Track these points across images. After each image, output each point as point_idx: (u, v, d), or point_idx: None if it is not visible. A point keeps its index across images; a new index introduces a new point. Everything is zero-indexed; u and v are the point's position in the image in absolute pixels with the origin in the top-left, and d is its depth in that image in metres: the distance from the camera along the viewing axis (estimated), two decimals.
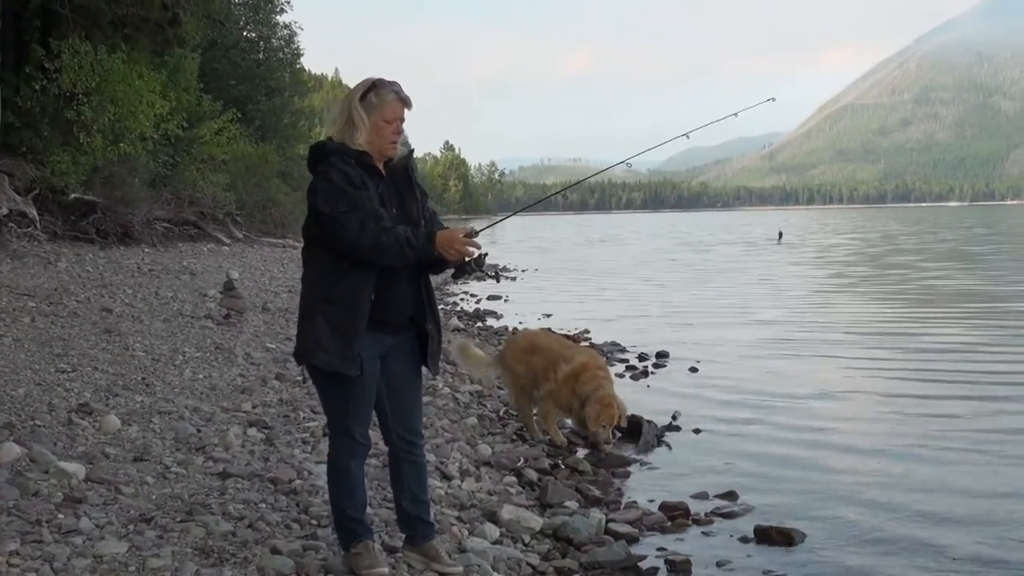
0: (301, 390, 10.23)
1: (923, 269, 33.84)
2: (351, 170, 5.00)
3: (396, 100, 5.12)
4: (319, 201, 4.97)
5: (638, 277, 33.27)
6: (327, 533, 5.85)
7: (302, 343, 5.12)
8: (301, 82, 55.39)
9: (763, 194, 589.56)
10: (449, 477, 7.71)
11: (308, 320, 5.08)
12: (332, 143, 5.11)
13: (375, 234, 4.91)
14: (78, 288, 16.60)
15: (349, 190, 4.95)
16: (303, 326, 5.12)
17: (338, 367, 5.01)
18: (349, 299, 5.01)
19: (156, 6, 27.23)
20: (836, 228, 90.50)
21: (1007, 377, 12.67)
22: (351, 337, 5.01)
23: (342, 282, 5.01)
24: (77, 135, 26.11)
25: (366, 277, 5.03)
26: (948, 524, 7.12)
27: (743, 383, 12.86)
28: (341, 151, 5.05)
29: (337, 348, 4.99)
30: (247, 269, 24.58)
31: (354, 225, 4.90)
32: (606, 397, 9.19)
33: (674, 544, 6.82)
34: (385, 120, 5.10)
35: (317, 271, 5.11)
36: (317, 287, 5.08)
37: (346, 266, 5.01)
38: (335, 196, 4.94)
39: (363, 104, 5.07)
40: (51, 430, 7.68)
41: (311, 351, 5.04)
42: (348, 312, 5.01)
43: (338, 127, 5.12)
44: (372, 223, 4.93)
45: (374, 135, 5.09)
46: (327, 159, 5.04)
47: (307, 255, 5.20)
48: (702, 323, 19.43)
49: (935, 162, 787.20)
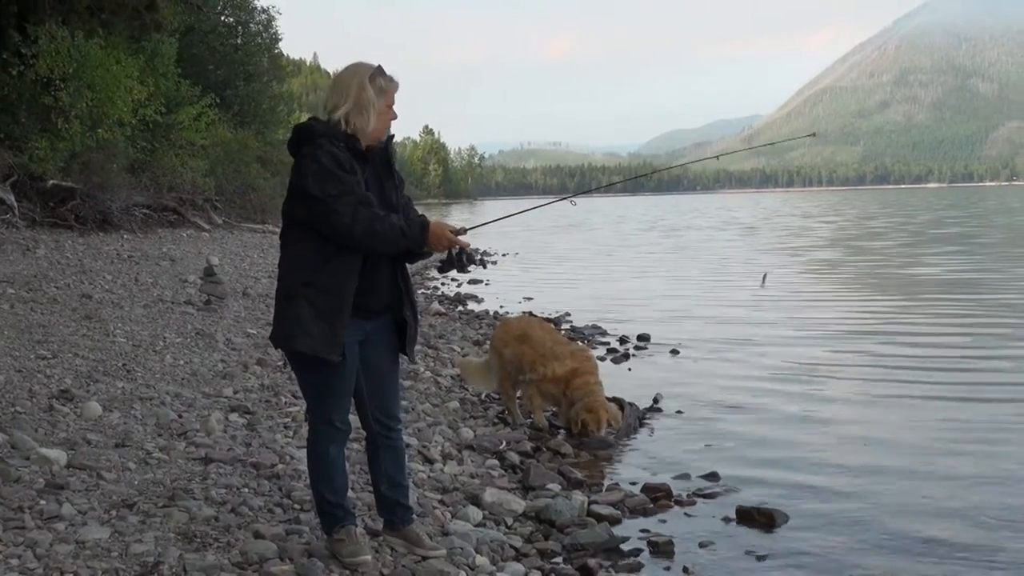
0: (282, 375, 10.22)
1: (900, 254, 33.94)
2: (341, 153, 4.96)
3: (397, 87, 5.15)
4: (308, 183, 4.89)
5: (618, 261, 33.29)
6: (310, 517, 5.86)
7: (283, 327, 5.05)
8: (280, 67, 55.08)
9: (743, 177, 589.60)
10: (431, 461, 7.72)
11: (290, 304, 5.01)
12: (321, 124, 5.05)
13: (368, 220, 4.89)
14: (57, 275, 16.53)
15: (340, 174, 4.91)
16: (284, 310, 5.05)
17: (321, 352, 4.97)
18: (335, 284, 4.98)
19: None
20: (807, 212, 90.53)
21: (993, 363, 12.65)
22: (335, 323, 4.97)
23: (328, 267, 4.97)
24: (55, 121, 25.98)
25: (352, 263, 5.00)
26: (930, 508, 7.14)
27: (725, 365, 12.91)
28: (331, 133, 5.00)
29: (321, 334, 4.95)
30: (227, 255, 24.48)
31: (346, 210, 4.87)
32: (593, 403, 9.24)
33: (656, 525, 6.85)
34: (388, 105, 5.12)
35: (300, 255, 5.04)
36: (300, 270, 5.02)
37: (332, 250, 4.97)
38: (326, 179, 4.88)
39: (373, 87, 5.05)
40: (32, 416, 7.65)
41: (294, 336, 4.98)
42: (334, 297, 4.97)
43: (344, 109, 5.02)
44: (364, 209, 4.91)
45: (378, 119, 5.08)
46: (315, 140, 4.97)
47: (289, 237, 5.13)
48: (683, 306, 19.45)
49: (914, 144, 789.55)
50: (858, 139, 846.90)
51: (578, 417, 9.18)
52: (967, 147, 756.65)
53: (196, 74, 39.34)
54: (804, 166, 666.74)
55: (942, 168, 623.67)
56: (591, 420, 9.12)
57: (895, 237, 43.52)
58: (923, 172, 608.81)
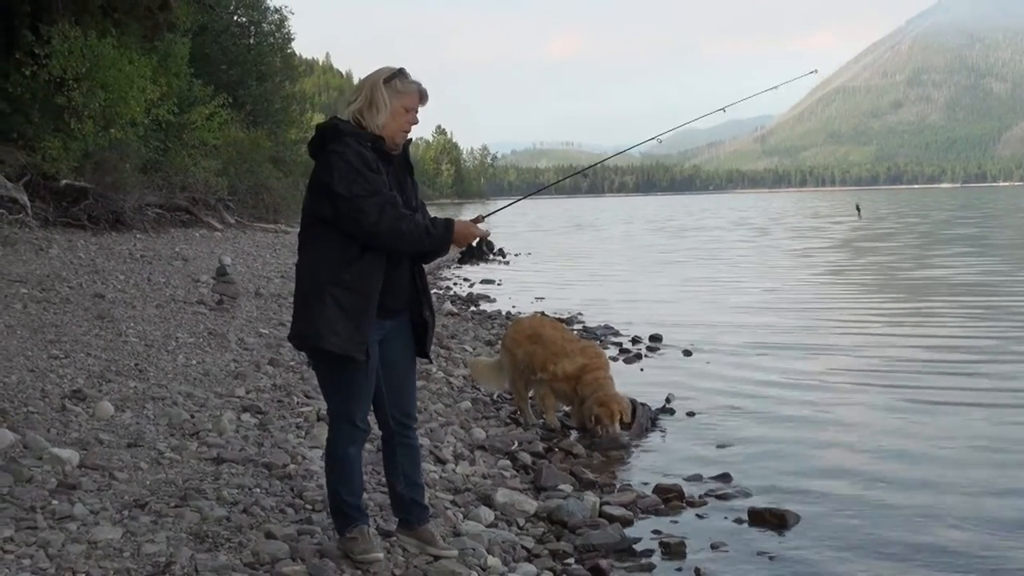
0: (294, 375, 10.22)
1: (911, 255, 33.86)
2: (368, 153, 4.99)
3: (417, 92, 5.17)
4: (335, 182, 4.91)
5: (630, 261, 33.25)
6: (322, 517, 5.86)
7: (307, 326, 5.05)
8: (292, 67, 55.17)
9: (755, 177, 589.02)
10: (443, 461, 7.72)
11: (316, 303, 5.01)
12: (346, 124, 5.08)
13: (394, 219, 4.92)
14: (70, 274, 16.57)
15: (368, 173, 4.94)
16: (310, 308, 5.05)
17: (348, 351, 4.98)
18: (361, 283, 5.00)
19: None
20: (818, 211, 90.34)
21: (1009, 369, 12.48)
22: (362, 321, 5.00)
23: (354, 266, 4.99)
24: (68, 121, 26.07)
25: (378, 261, 5.03)
26: (942, 514, 7.10)
27: (737, 367, 12.88)
28: (358, 133, 5.03)
29: (348, 332, 4.97)
30: (239, 255, 24.52)
31: (373, 210, 4.89)
32: (605, 397, 9.25)
33: (668, 526, 6.84)
34: (405, 107, 5.13)
35: (326, 253, 5.04)
36: (326, 269, 5.02)
37: (357, 250, 4.99)
38: (353, 178, 4.90)
39: (388, 87, 5.09)
40: (44, 416, 7.66)
41: (321, 335, 4.98)
42: (360, 296, 4.99)
43: (357, 107, 5.09)
44: (390, 209, 4.93)
45: (391, 120, 5.10)
46: (341, 139, 5.00)
47: (311, 235, 5.13)
48: (695, 307, 19.45)
49: (927, 144, 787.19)
50: (871, 139, 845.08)
51: (591, 412, 9.19)
52: (980, 147, 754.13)
53: (209, 74, 39.45)
54: (817, 166, 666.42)
55: (955, 168, 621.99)
56: (604, 413, 9.12)
57: (907, 239, 43.38)
58: (936, 172, 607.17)
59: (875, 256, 32.89)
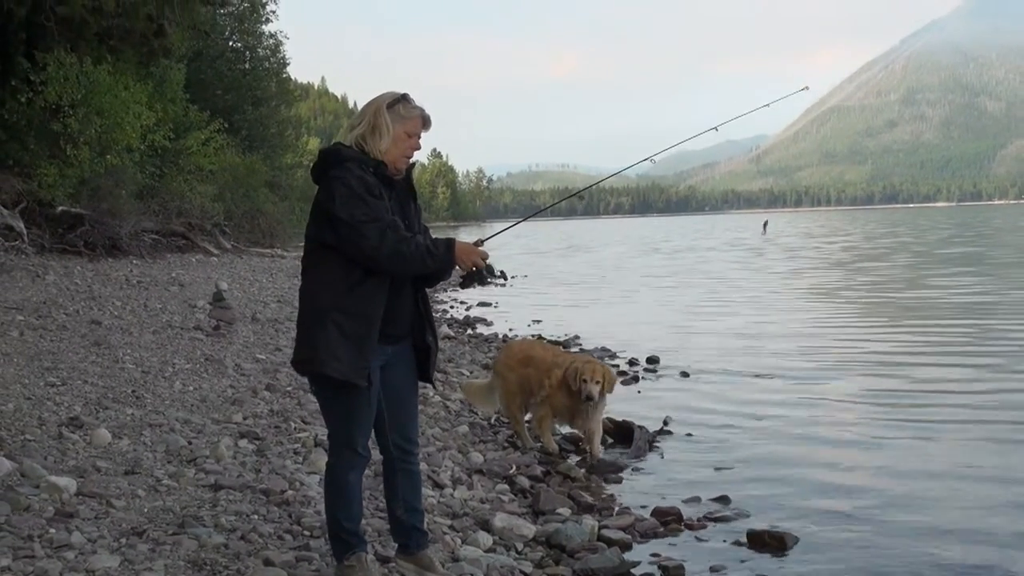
0: (292, 401, 10.21)
1: (908, 276, 33.90)
2: (370, 178, 5.00)
3: (420, 117, 5.19)
4: (336, 206, 4.91)
5: (627, 283, 33.26)
6: (320, 544, 5.85)
7: (310, 352, 5.03)
8: (287, 91, 55.32)
9: (751, 197, 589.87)
10: (441, 486, 7.71)
11: (318, 328, 5.00)
12: (348, 149, 5.09)
13: (395, 243, 4.92)
14: (66, 301, 16.56)
15: (369, 198, 4.94)
16: (312, 334, 5.03)
17: (350, 377, 4.97)
18: (363, 309, 5.00)
19: (141, 17, 27.22)
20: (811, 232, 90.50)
21: (1006, 387, 12.52)
22: (363, 347, 4.99)
23: (356, 291, 4.99)
24: (64, 147, 26.09)
25: (380, 287, 5.04)
26: (941, 531, 7.11)
27: (734, 388, 12.87)
28: (360, 158, 5.05)
29: (349, 358, 4.96)
30: (236, 279, 24.53)
31: (374, 235, 4.89)
32: (591, 360, 9.49)
33: (667, 549, 6.83)
34: (408, 133, 5.15)
35: (328, 278, 5.04)
36: (328, 294, 5.01)
37: (359, 275, 4.99)
38: (355, 203, 4.91)
39: (390, 112, 5.10)
40: (41, 444, 7.65)
41: (322, 361, 4.97)
42: (362, 322, 4.99)
43: (360, 132, 5.11)
44: (391, 233, 4.93)
45: (394, 145, 5.11)
46: (343, 164, 5.01)
47: (314, 260, 5.13)
48: (692, 329, 19.43)
49: (922, 163, 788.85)
50: (866, 158, 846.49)
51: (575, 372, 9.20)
52: (975, 165, 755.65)
53: (204, 99, 39.56)
54: (812, 186, 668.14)
55: (950, 187, 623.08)
56: (587, 369, 9.18)
57: (903, 259, 43.42)
58: (931, 191, 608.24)
59: (870, 276, 32.88)
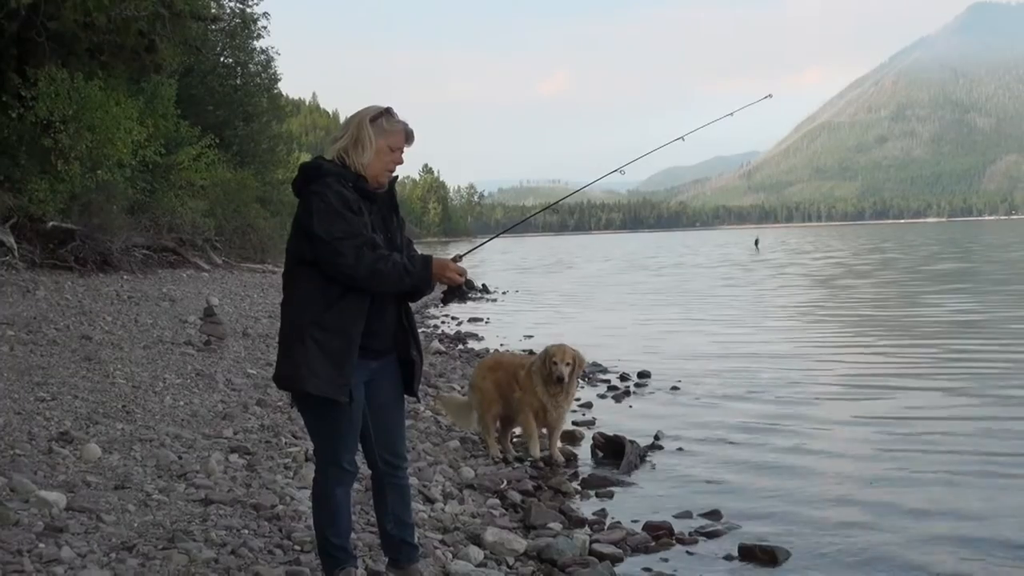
0: (282, 415, 10.20)
1: (900, 292, 33.95)
2: (349, 193, 4.97)
3: (403, 131, 5.17)
4: (314, 223, 4.89)
5: (618, 298, 33.30)
6: (310, 558, 5.84)
7: (290, 368, 5.02)
8: (279, 107, 55.25)
9: (742, 213, 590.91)
10: (432, 500, 7.70)
11: (298, 345, 4.98)
12: (329, 163, 5.08)
13: (372, 261, 4.89)
14: (57, 316, 16.52)
15: (347, 214, 4.91)
16: (291, 350, 5.02)
17: (329, 393, 4.95)
18: (343, 325, 4.97)
19: (132, 33, 27.19)
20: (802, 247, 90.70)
21: (999, 400, 12.56)
22: (343, 363, 4.96)
23: (335, 307, 4.96)
24: (55, 163, 26.02)
25: (360, 303, 5.00)
26: (933, 543, 7.10)
27: (725, 402, 12.88)
28: (340, 172, 5.03)
29: (328, 375, 4.93)
30: (227, 295, 24.50)
31: (350, 252, 4.86)
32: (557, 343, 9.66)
33: (658, 564, 6.81)
34: (390, 146, 5.13)
35: (308, 294, 5.01)
36: (307, 310, 4.99)
37: (338, 291, 4.96)
38: (332, 219, 4.88)
39: (373, 126, 5.09)
40: (31, 459, 7.62)
41: (302, 377, 4.95)
42: (341, 338, 4.96)
43: (342, 145, 5.09)
44: (368, 251, 4.90)
45: (376, 159, 5.10)
46: (322, 179, 4.99)
47: (294, 275, 5.11)
48: (682, 343, 19.46)
49: (912, 179, 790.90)
50: (856, 174, 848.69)
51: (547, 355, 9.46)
52: (965, 181, 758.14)
53: (196, 115, 39.48)
54: (803, 201, 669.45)
55: (941, 202, 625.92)
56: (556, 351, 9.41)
57: (894, 275, 43.50)
58: (922, 206, 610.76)
59: (860, 292, 32.95)
